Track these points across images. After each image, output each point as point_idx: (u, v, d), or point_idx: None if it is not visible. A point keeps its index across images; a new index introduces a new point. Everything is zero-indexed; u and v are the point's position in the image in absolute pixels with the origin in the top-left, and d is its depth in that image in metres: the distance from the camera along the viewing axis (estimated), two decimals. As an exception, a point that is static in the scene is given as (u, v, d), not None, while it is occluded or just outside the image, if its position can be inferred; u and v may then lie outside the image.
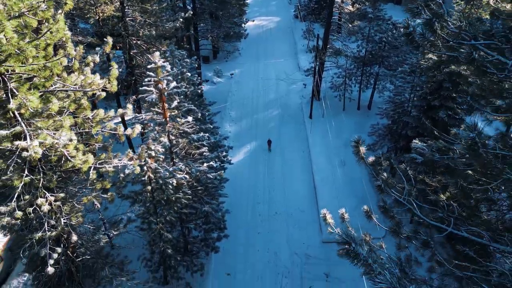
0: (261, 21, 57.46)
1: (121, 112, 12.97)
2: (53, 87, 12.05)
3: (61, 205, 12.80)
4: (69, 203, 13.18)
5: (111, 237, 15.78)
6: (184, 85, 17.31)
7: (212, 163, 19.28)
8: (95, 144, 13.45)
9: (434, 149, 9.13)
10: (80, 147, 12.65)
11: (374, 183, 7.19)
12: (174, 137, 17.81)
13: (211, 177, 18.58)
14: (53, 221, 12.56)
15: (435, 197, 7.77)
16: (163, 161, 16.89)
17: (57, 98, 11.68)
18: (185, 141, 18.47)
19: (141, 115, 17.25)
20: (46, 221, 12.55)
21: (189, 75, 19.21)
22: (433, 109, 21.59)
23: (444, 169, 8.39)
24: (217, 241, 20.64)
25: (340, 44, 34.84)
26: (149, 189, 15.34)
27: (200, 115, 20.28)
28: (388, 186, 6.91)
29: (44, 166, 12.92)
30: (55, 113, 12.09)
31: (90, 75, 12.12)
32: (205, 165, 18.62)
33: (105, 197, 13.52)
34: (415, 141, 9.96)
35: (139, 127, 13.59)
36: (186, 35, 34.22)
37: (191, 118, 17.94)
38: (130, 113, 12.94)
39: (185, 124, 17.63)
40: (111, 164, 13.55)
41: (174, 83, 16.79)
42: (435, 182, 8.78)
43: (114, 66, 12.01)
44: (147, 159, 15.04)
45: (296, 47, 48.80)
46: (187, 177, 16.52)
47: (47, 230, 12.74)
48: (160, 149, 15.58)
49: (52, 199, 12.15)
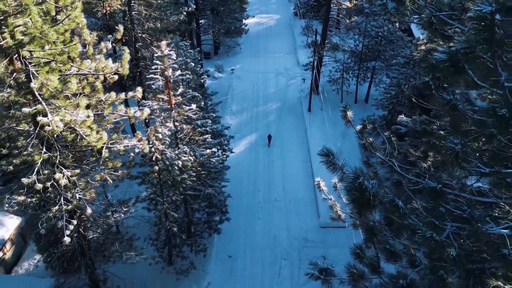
0: (261, 18, 58.50)
1: (132, 95, 13.98)
2: (69, 71, 13.08)
3: (76, 181, 13.83)
4: (83, 179, 14.22)
5: (120, 219, 16.75)
6: (188, 73, 18.34)
7: (214, 149, 20.31)
8: (107, 125, 14.47)
9: (417, 122, 10.16)
10: (94, 127, 13.70)
11: (359, 142, 8.10)
12: (178, 123, 18.84)
13: (214, 161, 19.60)
14: (70, 194, 13.59)
15: (415, 159, 8.74)
16: (168, 145, 17.91)
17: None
18: (189, 127, 19.49)
19: (147, 101, 18.25)
20: (62, 195, 13.58)
21: (193, 65, 20.23)
22: (425, 98, 22.55)
23: (425, 139, 9.39)
24: (219, 223, 21.70)
25: (338, 39, 35.89)
26: (156, 169, 16.37)
27: (203, 103, 21.31)
28: (372, 147, 7.86)
29: (60, 145, 13.97)
30: (71, 95, 13.15)
31: (103, 60, 13.15)
32: (208, 151, 19.65)
33: (116, 174, 14.55)
34: (400, 116, 10.99)
35: (148, 110, 14.64)
36: (188, 30, 35.23)
37: (194, 106, 18.98)
38: (139, 95, 13.96)
39: (190, 110, 18.66)
40: (122, 144, 14.59)
41: (179, 71, 17.83)
42: (417, 152, 9.76)
43: (126, 50, 13.04)
44: (155, 141, 16.07)
45: (295, 43, 49.83)
46: (192, 159, 17.54)
47: (63, 204, 13.78)
48: (167, 132, 16.61)
49: (68, 174, 13.18)
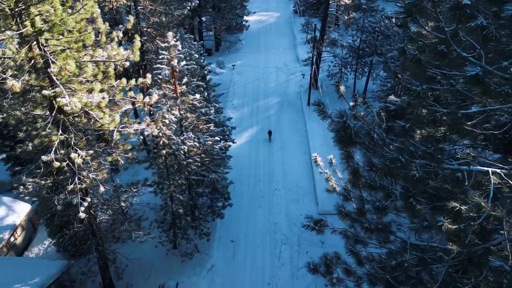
0: (262, 16, 59.53)
1: (141, 80, 14.92)
2: (84, 58, 14.02)
3: (90, 161, 14.77)
4: (96, 160, 15.16)
5: (130, 200, 17.68)
6: (193, 63, 19.25)
7: (217, 138, 21.26)
8: (118, 110, 15.39)
9: (405, 101, 11.10)
10: (106, 111, 14.64)
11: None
12: (183, 111, 19.77)
13: (217, 149, 20.54)
14: (85, 173, 14.53)
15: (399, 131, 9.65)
16: (174, 132, 18.85)
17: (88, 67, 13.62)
18: (193, 116, 20.43)
19: (154, 90, 19.17)
20: (77, 174, 14.52)
21: (197, 56, 21.17)
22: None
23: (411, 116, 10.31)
24: (222, 209, 22.65)
25: (336, 35, 36.87)
26: (163, 153, 17.31)
27: (206, 94, 22.27)
28: (362, 119, 8.73)
29: (74, 128, 14.92)
30: (85, 80, 14.09)
31: (116, 47, 14.09)
32: (211, 138, 20.59)
33: (126, 156, 15.49)
34: (391, 96, 11.93)
35: (156, 96, 15.56)
36: (190, 26, 36.17)
37: (198, 95, 19.92)
38: (149, 81, 14.88)
39: (194, 99, 19.60)
40: (132, 128, 15.53)
41: (184, 62, 18.79)
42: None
43: (137, 38, 13.97)
44: (162, 126, 17.02)
45: (295, 40, 50.81)
46: (197, 145, 18.48)
47: (77, 182, 14.72)
48: (173, 118, 17.55)
49: (83, 154, 14.11)
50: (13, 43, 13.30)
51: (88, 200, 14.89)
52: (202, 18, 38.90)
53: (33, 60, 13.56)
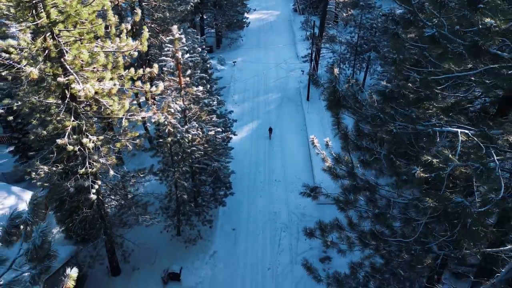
0: (262, 14, 60.43)
1: (149, 70, 15.77)
2: (95, 49, 14.88)
3: (100, 146, 15.64)
4: (106, 146, 16.02)
5: (137, 186, 18.56)
6: (196, 55, 20.11)
7: (219, 129, 22.12)
8: (126, 98, 16.26)
9: (395, 86, 11.97)
10: (115, 98, 15.52)
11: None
12: (187, 102, 20.62)
13: (220, 138, 21.40)
14: (96, 157, 15.40)
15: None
16: (179, 121, 19.71)
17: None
18: (197, 107, 21.29)
19: (159, 82, 20.01)
20: (88, 159, 15.39)
21: (200, 50, 22.03)
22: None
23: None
24: (224, 197, 23.51)
25: (335, 31, 37.74)
26: (169, 140, 18.18)
27: (208, 87, 23.12)
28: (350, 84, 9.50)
29: (85, 116, 15.79)
30: (96, 70, 14.95)
31: (125, 38, 14.95)
32: (213, 129, 21.46)
33: (134, 142, 16.36)
34: (382, 82, 12.81)
35: (162, 85, 16.43)
36: (193, 22, 37.03)
37: (201, 87, 20.78)
38: (156, 71, 15.74)
39: (197, 91, 20.45)
40: (139, 115, 16.40)
41: (188, 54, 19.65)
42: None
43: (145, 29, 14.82)
44: (167, 115, 17.88)
45: (294, 38, 51.67)
46: (200, 133, 19.33)
47: (88, 166, 15.59)
48: (178, 108, 18.40)
49: (94, 139, 14.99)
50: (27, 35, 14.20)
51: (98, 182, 15.76)
52: (203, 15, 39.74)
53: (47, 50, 14.45)
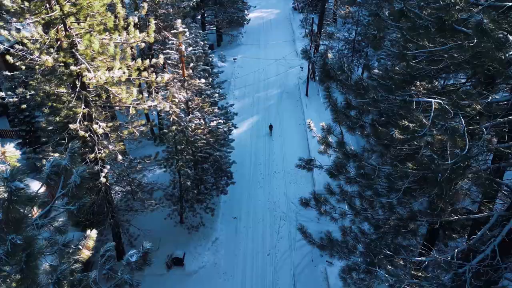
0: (262, 13, 61.42)
1: (155, 61, 16.66)
2: (105, 40, 15.77)
3: (109, 133, 16.54)
4: (114, 132, 16.92)
5: (143, 172, 19.49)
6: (199, 48, 21.02)
7: (221, 120, 23.03)
8: (133, 88, 17.15)
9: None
10: (123, 87, 16.42)
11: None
12: (190, 94, 21.53)
13: (221, 128, 22.30)
14: (106, 142, 16.30)
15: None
16: (182, 111, 20.61)
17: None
18: (199, 99, 22.19)
19: (164, 74, 20.91)
20: (97, 144, 16.29)
21: (202, 43, 22.93)
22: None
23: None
24: (225, 186, 24.41)
25: (333, 28, 38.66)
26: (173, 129, 19.07)
27: (210, 79, 24.03)
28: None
29: (94, 104, 16.69)
30: (106, 60, 15.85)
31: (133, 30, 15.84)
32: (215, 119, 22.37)
33: (141, 129, 17.26)
34: (375, 70, 13.70)
35: (167, 75, 17.34)
36: (193, 20, 37.92)
37: (203, 80, 21.68)
38: (161, 61, 16.62)
39: (200, 82, 21.35)
40: (146, 104, 17.30)
41: (191, 48, 20.56)
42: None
43: (152, 21, 15.71)
44: (172, 104, 18.77)
45: (294, 35, 52.65)
46: (203, 122, 20.24)
47: (97, 152, 16.49)
48: (182, 98, 19.31)
49: (104, 125, 15.89)
50: (39, 27, 15.12)
51: (107, 167, 16.65)
52: (204, 13, 40.65)
53: (60, 41, 15.35)
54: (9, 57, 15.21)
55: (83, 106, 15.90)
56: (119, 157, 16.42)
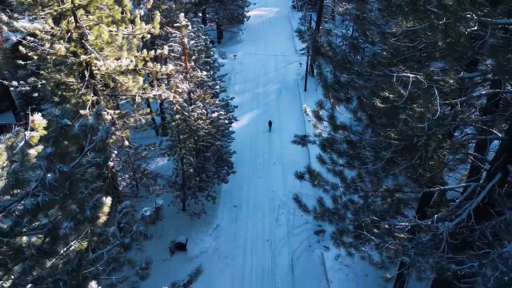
0: (261, 11, 62.37)
1: (160, 51, 17.59)
2: (113, 31, 16.69)
3: (116, 120, 17.46)
4: (121, 119, 17.84)
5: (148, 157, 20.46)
6: (201, 41, 21.94)
7: (222, 112, 23.95)
8: (139, 77, 18.07)
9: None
10: (129, 77, 17.34)
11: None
12: (192, 85, 22.44)
13: (223, 119, 23.23)
14: (114, 127, 17.22)
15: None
16: (185, 101, 21.53)
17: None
18: (201, 90, 23.11)
19: (168, 65, 21.83)
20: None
21: (204, 37, 23.85)
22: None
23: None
24: (226, 175, 25.34)
25: (331, 25, 39.59)
26: (176, 118, 19.99)
27: (212, 72, 24.96)
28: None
29: (102, 92, 17.61)
30: (114, 50, 16.77)
31: (139, 22, 16.77)
32: (216, 110, 23.29)
33: (147, 117, 18.18)
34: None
35: (171, 66, 18.27)
36: (196, 13, 38.85)
37: (205, 72, 22.61)
38: (166, 52, 17.55)
39: (202, 74, 22.28)
40: (151, 93, 18.23)
41: (193, 41, 21.48)
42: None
43: (157, 14, 16.64)
44: (175, 94, 19.69)
45: (293, 33, 53.46)
46: (204, 112, 21.16)
47: (105, 138, 17.38)
48: (185, 89, 20.22)
49: (111, 112, 16.81)
50: (49, 19, 16.04)
51: (115, 152, 17.57)
52: (205, 9, 41.58)
53: (70, 32, 16.27)
54: (21, 48, 16.17)
55: (92, 94, 16.82)
56: (126, 143, 17.34)
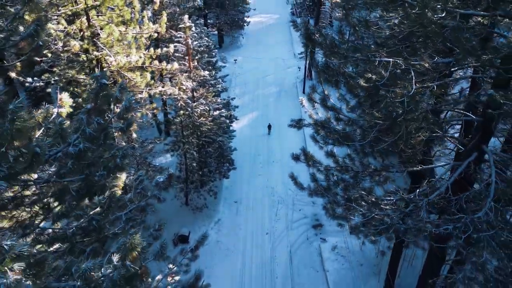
0: (261, 18, 63.97)
1: (166, 50, 18.76)
2: (123, 31, 17.88)
3: (124, 114, 18.55)
4: (129, 113, 18.91)
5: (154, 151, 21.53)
6: (204, 42, 23.14)
7: (223, 110, 25.08)
8: (146, 74, 19.21)
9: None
10: (137, 73, 18.49)
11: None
12: (196, 84, 23.60)
13: (223, 116, 24.34)
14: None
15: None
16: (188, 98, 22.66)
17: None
18: (203, 89, 24.26)
19: (173, 63, 23.00)
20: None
21: (206, 39, 25.07)
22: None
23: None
24: (227, 171, 26.38)
25: (329, 30, 40.96)
26: (181, 113, 21.10)
27: (214, 72, 26.12)
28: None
29: (112, 88, 18.73)
30: (123, 47, 17.93)
31: (147, 22, 17.96)
32: (218, 107, 24.43)
33: (154, 111, 19.29)
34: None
35: (176, 64, 19.41)
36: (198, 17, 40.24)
37: (207, 72, 23.78)
38: (172, 50, 18.71)
39: (205, 74, 23.45)
40: (157, 89, 19.36)
41: (196, 42, 22.68)
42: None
43: (164, 14, 17.84)
44: (180, 91, 20.83)
45: (292, 38, 54.98)
46: (208, 108, 22.28)
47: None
48: (189, 86, 21.36)
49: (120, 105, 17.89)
50: (62, 20, 17.23)
51: (123, 143, 18.64)
52: (207, 15, 42.98)
53: (82, 31, 17.46)
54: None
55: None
56: (134, 135, 18.43)
